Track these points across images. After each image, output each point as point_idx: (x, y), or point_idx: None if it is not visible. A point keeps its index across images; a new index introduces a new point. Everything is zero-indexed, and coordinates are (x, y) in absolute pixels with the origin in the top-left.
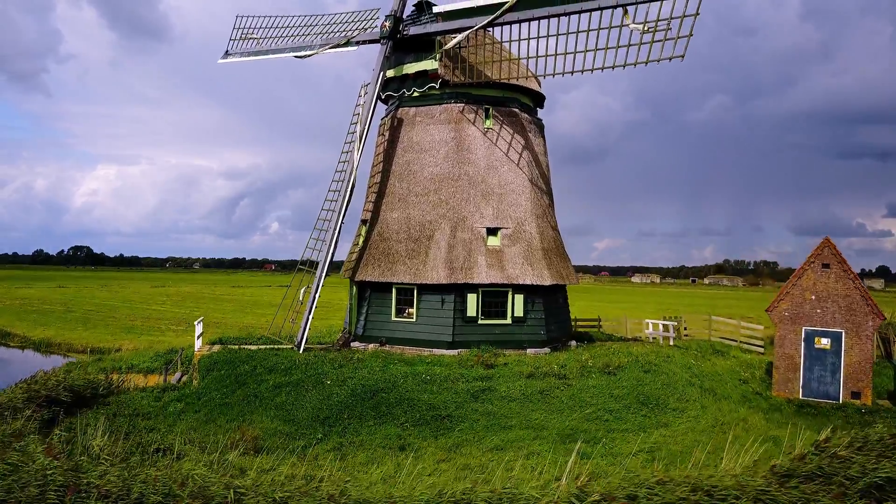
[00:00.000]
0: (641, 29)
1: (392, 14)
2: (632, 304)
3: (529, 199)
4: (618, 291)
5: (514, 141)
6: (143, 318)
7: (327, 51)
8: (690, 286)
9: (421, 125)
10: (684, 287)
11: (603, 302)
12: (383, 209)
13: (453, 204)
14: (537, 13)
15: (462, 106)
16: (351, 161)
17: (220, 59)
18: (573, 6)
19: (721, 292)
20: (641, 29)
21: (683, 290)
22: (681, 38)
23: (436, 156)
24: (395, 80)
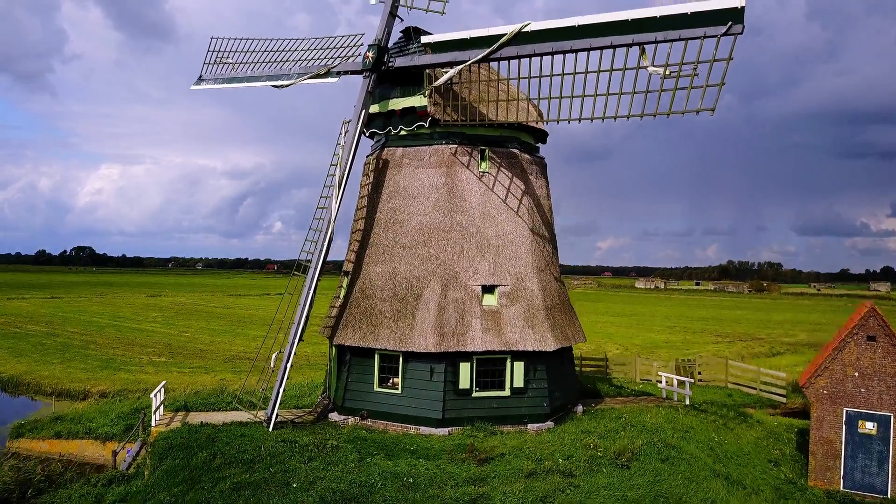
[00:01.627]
0: (662, 73)
1: (376, 43)
2: (636, 318)
3: (530, 251)
4: (622, 298)
5: (514, 185)
6: (127, 343)
7: (306, 81)
8: (695, 291)
9: (409, 168)
10: (690, 293)
11: (607, 315)
12: (366, 262)
13: (444, 258)
14: (539, 48)
15: (455, 147)
16: (329, 210)
17: (193, 86)
18: (581, 42)
19: (727, 300)
20: (662, 73)
21: (690, 297)
22: (710, 86)
23: (425, 203)
24: (380, 117)
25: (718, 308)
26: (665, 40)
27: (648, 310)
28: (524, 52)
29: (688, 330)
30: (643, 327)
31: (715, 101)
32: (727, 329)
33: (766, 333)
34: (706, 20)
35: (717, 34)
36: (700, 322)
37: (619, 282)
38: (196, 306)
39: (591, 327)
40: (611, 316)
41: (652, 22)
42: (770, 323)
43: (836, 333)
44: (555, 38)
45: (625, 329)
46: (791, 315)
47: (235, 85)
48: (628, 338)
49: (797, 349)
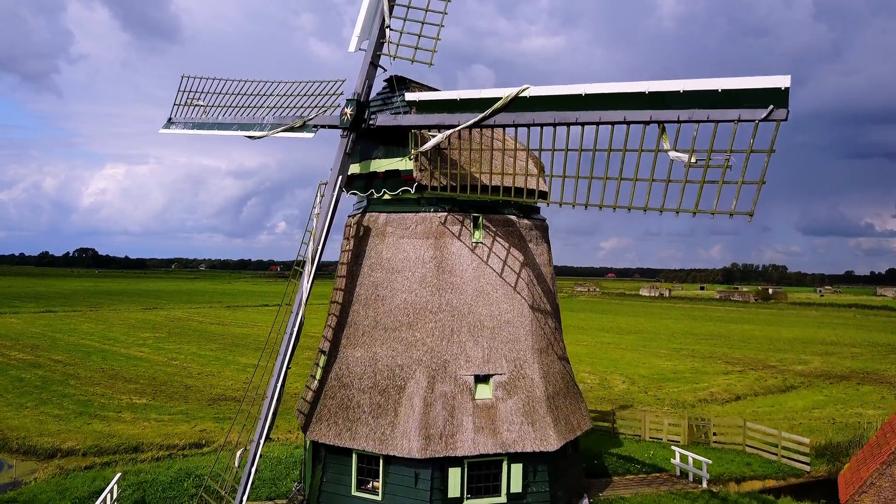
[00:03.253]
0: (687, 161)
1: (354, 98)
2: (642, 337)
3: (530, 332)
4: (626, 309)
5: (511, 257)
6: (110, 376)
7: (279, 134)
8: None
9: (392, 237)
10: (695, 303)
11: (612, 333)
12: (344, 344)
13: (432, 344)
14: (539, 118)
15: (444, 215)
16: (300, 290)
17: (162, 129)
18: (589, 114)
19: (733, 310)
20: (687, 161)
21: (695, 306)
22: (747, 183)
23: (410, 279)
24: (361, 178)
25: (725, 322)
26: (690, 121)
27: (653, 325)
28: (521, 120)
29: (696, 354)
30: (649, 350)
31: (753, 203)
32: (736, 352)
33: (777, 359)
34: (742, 100)
35: (755, 119)
36: (707, 343)
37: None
38: (191, 323)
39: (595, 350)
40: (615, 333)
41: (675, 97)
42: (780, 342)
43: (880, 431)
44: (558, 106)
45: (630, 353)
46: (800, 331)
47: (206, 132)
48: (634, 365)
49: (812, 381)
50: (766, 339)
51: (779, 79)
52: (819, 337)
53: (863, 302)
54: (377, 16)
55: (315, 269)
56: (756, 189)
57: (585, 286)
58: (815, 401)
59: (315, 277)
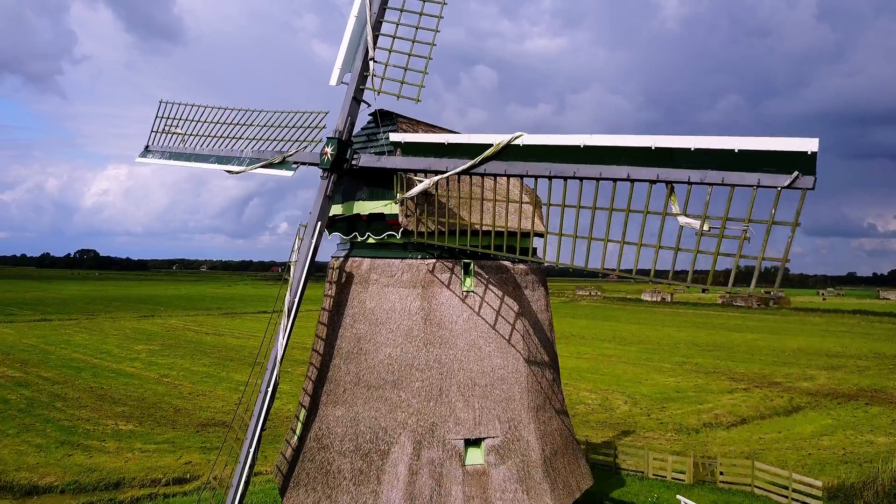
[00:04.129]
0: (699, 228)
1: (335, 137)
2: (644, 349)
3: (526, 389)
4: (627, 315)
5: (505, 306)
6: (98, 397)
7: (258, 170)
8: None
9: (376, 286)
10: (697, 308)
11: (613, 343)
12: (324, 401)
13: (418, 405)
14: (534, 169)
15: (433, 262)
16: (276, 347)
17: (139, 158)
18: (588, 168)
19: (736, 317)
20: (699, 228)
21: (697, 312)
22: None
23: (395, 331)
24: (344, 219)
25: (727, 329)
26: (702, 183)
27: (656, 333)
28: (514, 170)
29: (699, 369)
30: (652, 363)
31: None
32: (741, 366)
33: (782, 374)
34: (761, 163)
35: (777, 185)
36: (711, 355)
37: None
38: (186, 333)
39: (597, 364)
40: (617, 343)
41: (684, 155)
42: (784, 354)
43: None
44: (554, 157)
45: (632, 368)
46: (804, 341)
47: (183, 163)
48: (636, 382)
49: (818, 401)
50: (770, 350)
51: (804, 142)
52: (824, 347)
53: (866, 307)
54: (360, 47)
55: (292, 322)
56: (779, 270)
57: (587, 289)
58: (823, 425)
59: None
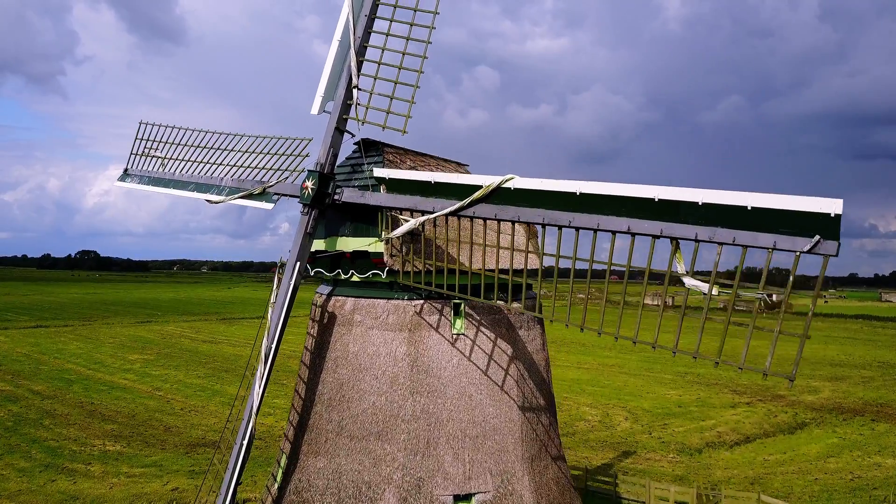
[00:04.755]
0: (707, 292)
1: (317, 170)
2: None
3: (520, 439)
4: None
5: (498, 350)
6: (88, 413)
7: (237, 201)
8: None
9: (360, 328)
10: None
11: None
12: (305, 450)
13: (404, 460)
14: (526, 215)
15: (420, 303)
16: (251, 398)
17: (118, 182)
18: (585, 217)
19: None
20: (707, 292)
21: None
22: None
23: (380, 378)
24: (326, 256)
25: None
26: (711, 241)
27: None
28: (505, 215)
29: (701, 380)
30: (653, 374)
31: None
32: (743, 377)
33: (786, 386)
34: (778, 223)
35: (795, 250)
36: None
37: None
38: (182, 341)
39: (598, 376)
40: (618, 352)
41: (691, 210)
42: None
43: None
44: (548, 203)
45: (634, 379)
46: (807, 348)
47: (162, 189)
48: (637, 396)
49: (823, 417)
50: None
51: (826, 202)
52: (828, 356)
53: (869, 310)
54: (344, 74)
55: (269, 370)
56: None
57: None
58: (829, 445)
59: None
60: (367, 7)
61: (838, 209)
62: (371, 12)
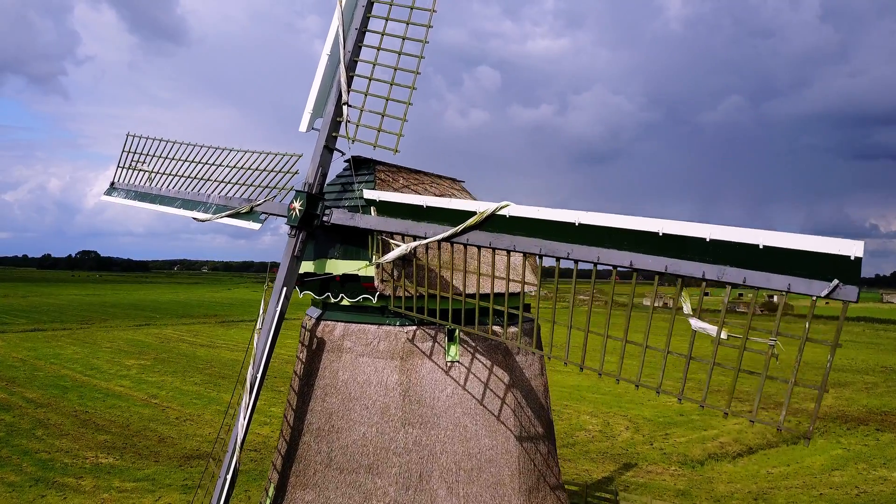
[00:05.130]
0: (716, 336)
1: (304, 191)
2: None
3: (517, 471)
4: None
5: (494, 377)
6: (81, 423)
7: (224, 220)
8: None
9: (350, 355)
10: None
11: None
12: (293, 482)
13: (395, 496)
14: (522, 244)
15: (412, 330)
16: (235, 431)
17: (104, 196)
18: (585, 249)
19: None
20: (716, 336)
21: None
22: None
23: (371, 409)
24: (315, 278)
25: None
26: (720, 281)
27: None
28: (500, 243)
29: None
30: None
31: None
32: (745, 383)
33: None
34: (793, 264)
35: (811, 294)
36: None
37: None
38: (180, 345)
39: (598, 382)
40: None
41: (699, 246)
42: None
43: None
44: (545, 233)
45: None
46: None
47: (148, 205)
48: (638, 404)
49: (827, 427)
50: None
51: (846, 244)
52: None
53: (870, 311)
54: (333, 89)
55: (255, 401)
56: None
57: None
58: (833, 456)
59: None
60: (358, 20)
61: (859, 252)
62: (361, 26)
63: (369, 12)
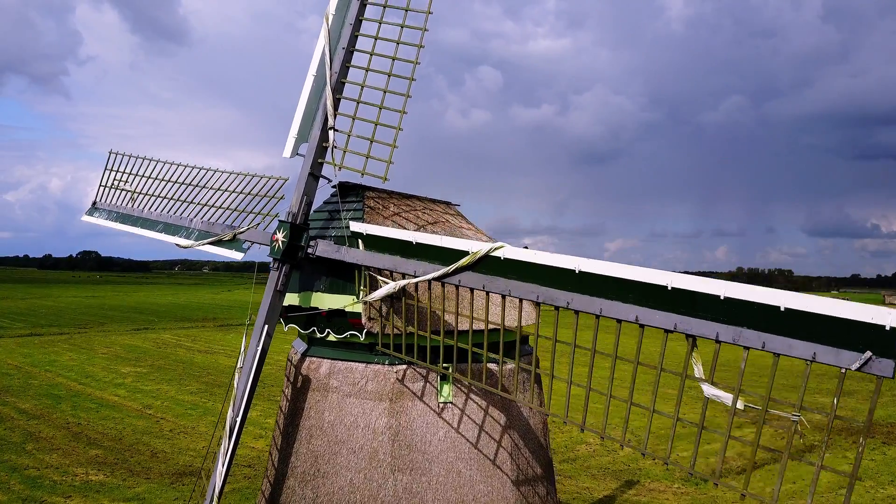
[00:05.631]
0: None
1: (288, 220)
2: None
3: None
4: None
5: (490, 419)
6: (73, 436)
7: (206, 247)
8: None
9: (337, 395)
10: None
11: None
12: None
13: None
14: (519, 290)
15: (402, 369)
16: (213, 482)
17: (85, 216)
18: (586, 300)
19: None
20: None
21: None
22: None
23: (358, 454)
24: (300, 311)
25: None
26: (736, 343)
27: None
28: (494, 287)
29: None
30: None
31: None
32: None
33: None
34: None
35: (840, 366)
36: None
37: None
38: (178, 351)
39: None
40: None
41: (712, 304)
42: (792, 374)
43: None
44: (543, 279)
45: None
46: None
47: (129, 227)
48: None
49: (833, 440)
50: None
51: (880, 312)
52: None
53: None
54: (319, 112)
55: (234, 447)
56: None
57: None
58: None
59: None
60: (346, 39)
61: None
62: (349, 45)
63: (357, 30)
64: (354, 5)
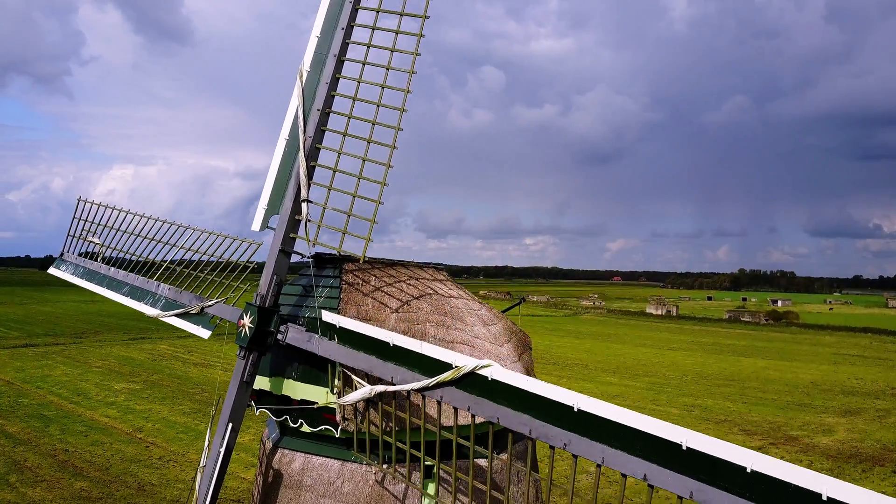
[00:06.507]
0: None
1: (256, 304)
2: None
3: None
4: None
5: None
6: (59, 466)
7: (172, 319)
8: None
9: (311, 495)
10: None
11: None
12: None
13: None
14: (509, 419)
15: (381, 470)
16: None
17: (52, 269)
18: (586, 443)
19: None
20: None
21: (704, 329)
22: None
23: None
24: (272, 397)
25: (736, 354)
26: None
27: (662, 360)
28: (482, 410)
29: (709, 416)
30: (659, 406)
31: None
32: (754, 412)
33: (799, 424)
34: None
35: None
36: (721, 393)
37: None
38: (173, 364)
39: None
40: (622, 376)
41: (736, 475)
42: (798, 390)
43: None
44: (536, 410)
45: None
46: (816, 370)
47: (95, 286)
48: None
49: (840, 467)
50: (783, 383)
51: None
52: (839, 380)
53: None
54: (291, 182)
55: None
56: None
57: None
58: None
59: None
60: (321, 100)
61: None
62: (325, 105)
63: (334, 90)
64: (330, 63)
